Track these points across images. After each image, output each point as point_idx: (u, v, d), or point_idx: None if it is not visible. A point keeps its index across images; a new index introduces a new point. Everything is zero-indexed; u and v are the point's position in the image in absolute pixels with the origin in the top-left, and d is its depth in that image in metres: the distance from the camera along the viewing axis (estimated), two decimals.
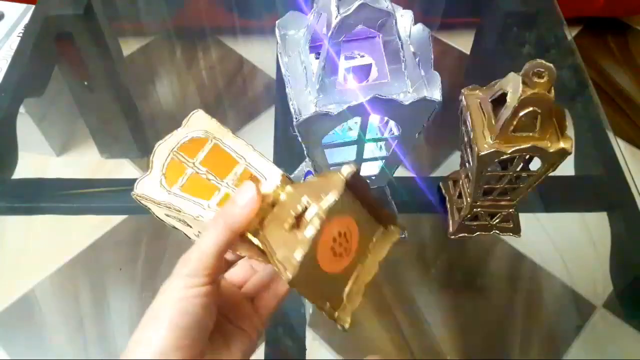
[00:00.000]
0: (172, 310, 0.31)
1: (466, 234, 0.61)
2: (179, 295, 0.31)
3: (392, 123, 0.43)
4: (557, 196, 0.67)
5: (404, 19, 0.40)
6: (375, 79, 0.39)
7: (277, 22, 0.41)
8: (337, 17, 0.34)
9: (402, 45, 0.37)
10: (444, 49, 1.06)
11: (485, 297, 0.70)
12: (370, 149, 0.47)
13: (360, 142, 0.44)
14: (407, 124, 0.41)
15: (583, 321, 0.70)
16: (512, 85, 0.42)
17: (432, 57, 0.39)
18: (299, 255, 0.29)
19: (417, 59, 0.39)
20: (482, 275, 0.69)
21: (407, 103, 0.37)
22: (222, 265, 0.33)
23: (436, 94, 0.38)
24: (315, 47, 0.40)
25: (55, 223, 0.80)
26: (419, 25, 0.40)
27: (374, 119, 0.41)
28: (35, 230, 0.83)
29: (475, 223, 0.60)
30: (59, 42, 0.91)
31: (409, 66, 0.38)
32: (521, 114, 0.42)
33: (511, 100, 0.42)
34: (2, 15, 1.04)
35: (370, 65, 0.40)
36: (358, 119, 0.40)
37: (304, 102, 0.38)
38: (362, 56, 0.40)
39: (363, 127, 0.41)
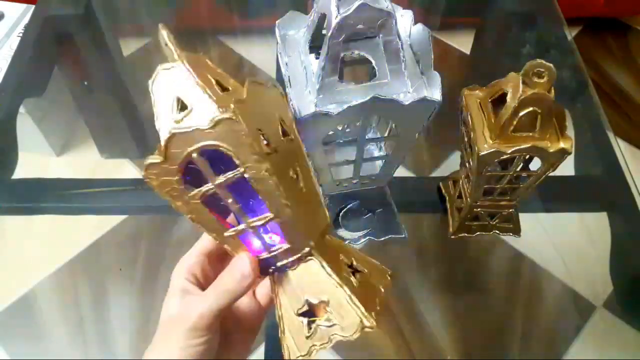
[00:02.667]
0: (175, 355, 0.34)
1: (466, 234, 0.61)
2: (180, 345, 0.34)
3: (392, 123, 0.43)
4: (557, 196, 0.67)
5: (404, 19, 0.40)
6: (375, 79, 0.39)
7: (277, 22, 0.41)
8: (337, 17, 0.34)
9: (402, 46, 0.37)
10: (444, 49, 1.06)
11: (485, 297, 0.70)
12: (370, 149, 0.47)
13: (360, 142, 0.44)
14: (407, 124, 0.41)
15: (583, 321, 0.70)
16: (512, 85, 0.42)
17: (432, 57, 0.39)
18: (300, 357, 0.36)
19: (417, 59, 0.39)
20: (482, 275, 0.69)
21: (407, 103, 0.37)
22: (221, 317, 0.36)
23: (436, 94, 0.38)
24: (315, 47, 0.40)
25: (55, 223, 0.80)
26: (419, 26, 0.40)
27: (374, 119, 0.41)
28: (35, 230, 0.83)
29: (475, 223, 0.60)
30: (59, 42, 0.91)
31: (409, 66, 0.38)
32: (521, 114, 0.42)
33: (511, 100, 0.42)
34: (2, 15, 1.04)
35: (370, 65, 0.40)
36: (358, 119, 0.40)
37: (304, 102, 0.38)
38: (362, 56, 0.40)
39: (363, 127, 0.41)
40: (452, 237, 0.61)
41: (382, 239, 0.62)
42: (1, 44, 0.99)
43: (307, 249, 0.35)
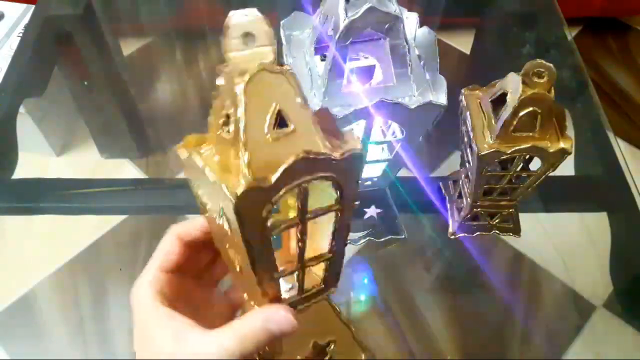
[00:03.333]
0: None
1: (466, 234, 0.61)
2: None
3: (395, 126, 0.43)
4: (557, 196, 0.67)
5: (409, 22, 0.40)
6: (380, 82, 0.39)
7: (281, 22, 0.41)
8: (344, 20, 0.34)
9: (408, 49, 0.36)
10: (444, 49, 1.06)
11: (485, 297, 0.70)
12: (373, 152, 0.47)
13: (363, 144, 0.43)
14: (411, 128, 0.41)
15: (583, 321, 0.70)
16: (512, 85, 0.42)
17: (438, 60, 0.39)
18: None
19: (422, 62, 0.39)
20: (482, 275, 0.69)
21: (412, 107, 0.37)
22: None
23: (441, 98, 0.38)
24: (320, 48, 0.40)
25: (55, 223, 0.80)
26: (425, 29, 0.40)
27: (378, 121, 0.41)
28: (35, 230, 0.83)
29: (475, 223, 0.60)
30: (59, 42, 0.91)
31: (415, 69, 0.38)
32: (521, 114, 0.42)
33: (511, 100, 0.42)
34: (2, 15, 1.04)
35: (375, 68, 0.40)
36: (362, 122, 0.40)
37: (309, 104, 0.38)
38: (368, 58, 0.40)
39: (367, 130, 0.41)
40: (452, 237, 0.61)
41: (382, 239, 0.62)
42: (1, 44, 0.99)
43: (333, 289, 0.34)
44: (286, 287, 0.32)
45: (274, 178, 0.23)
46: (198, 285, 0.35)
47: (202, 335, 0.29)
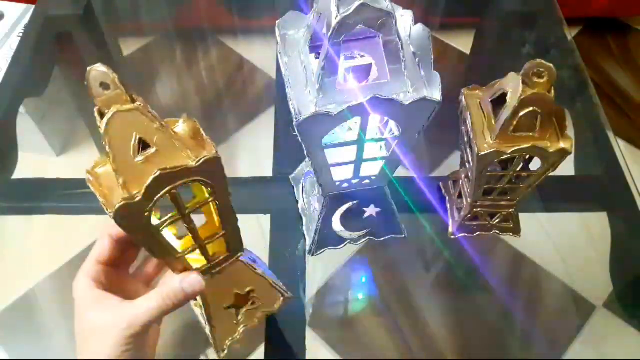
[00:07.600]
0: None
1: (466, 234, 0.61)
2: (120, 348, 0.36)
3: (392, 123, 0.43)
4: (557, 196, 0.67)
5: (404, 19, 0.40)
6: (375, 79, 0.39)
7: (277, 22, 0.41)
8: (337, 17, 0.34)
9: (402, 45, 0.37)
10: (444, 49, 1.06)
11: (485, 297, 0.70)
12: (370, 149, 0.47)
13: (360, 142, 0.44)
14: (407, 124, 0.41)
15: (583, 321, 0.70)
16: (512, 85, 0.42)
17: (432, 57, 0.39)
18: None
19: (417, 59, 0.39)
20: (482, 275, 0.69)
21: (407, 103, 0.37)
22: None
23: (436, 94, 0.38)
24: (315, 47, 0.40)
25: (55, 223, 0.80)
26: (419, 25, 0.40)
27: (374, 119, 0.41)
28: (35, 230, 0.83)
29: (475, 223, 0.60)
30: (59, 42, 0.91)
31: (409, 66, 0.38)
32: (521, 114, 0.42)
33: (511, 100, 0.42)
34: (2, 15, 1.04)
35: (370, 65, 0.40)
36: (358, 119, 0.40)
37: (304, 102, 0.38)
38: (362, 56, 0.40)
39: (363, 127, 0.41)
40: (452, 237, 0.61)
41: (382, 239, 0.62)
42: (1, 44, 0.99)
43: (240, 253, 0.42)
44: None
45: (140, 194, 0.29)
46: (130, 278, 0.43)
47: (131, 303, 0.37)
